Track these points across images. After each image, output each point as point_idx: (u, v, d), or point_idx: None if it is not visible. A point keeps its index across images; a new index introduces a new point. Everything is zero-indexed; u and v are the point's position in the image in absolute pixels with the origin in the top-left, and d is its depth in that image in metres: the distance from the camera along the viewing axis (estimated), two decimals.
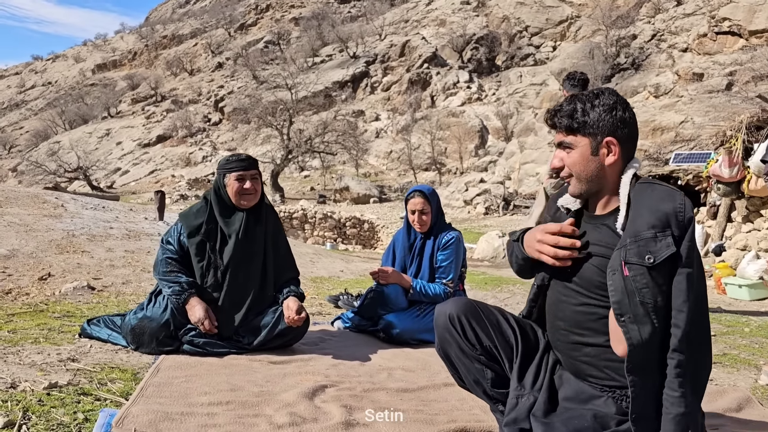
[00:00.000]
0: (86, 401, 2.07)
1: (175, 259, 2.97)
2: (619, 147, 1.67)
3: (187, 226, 3.00)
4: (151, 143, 47.74)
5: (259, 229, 3.07)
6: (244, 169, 2.98)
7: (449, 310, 1.88)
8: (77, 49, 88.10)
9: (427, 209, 3.59)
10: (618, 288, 1.57)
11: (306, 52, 55.28)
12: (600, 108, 1.67)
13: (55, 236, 5.29)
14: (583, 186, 1.72)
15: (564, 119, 1.71)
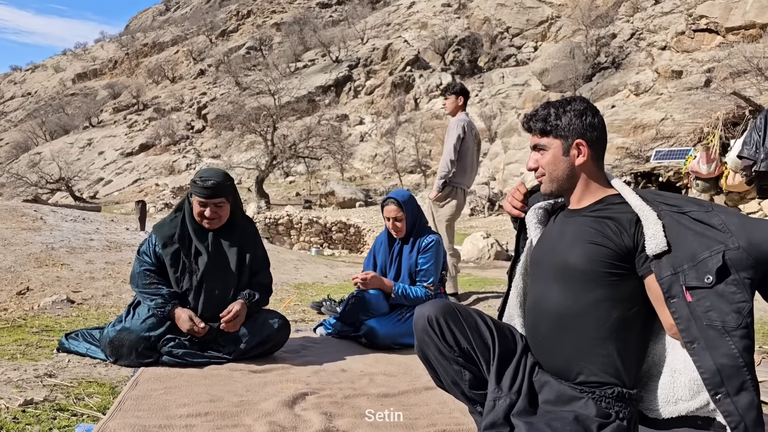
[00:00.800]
0: (62, 417, 2.05)
1: (152, 271, 2.96)
2: (588, 149, 1.83)
3: (161, 237, 2.99)
4: (134, 152, 47.40)
5: (230, 243, 3.03)
6: (206, 197, 2.92)
7: (428, 312, 1.92)
8: (57, 59, 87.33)
9: (401, 216, 3.61)
10: (683, 315, 1.56)
11: (288, 58, 55.20)
12: (571, 113, 1.83)
13: (33, 250, 5.24)
14: (554, 185, 1.87)
15: (538, 123, 1.87)
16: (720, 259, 1.50)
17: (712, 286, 1.51)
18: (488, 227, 20.28)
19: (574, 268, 1.75)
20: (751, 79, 21.20)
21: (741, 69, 24.09)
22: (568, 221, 1.87)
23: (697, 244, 1.57)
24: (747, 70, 23.03)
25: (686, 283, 1.55)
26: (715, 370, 1.49)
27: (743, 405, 1.47)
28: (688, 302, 1.55)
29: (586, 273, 1.73)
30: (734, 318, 1.48)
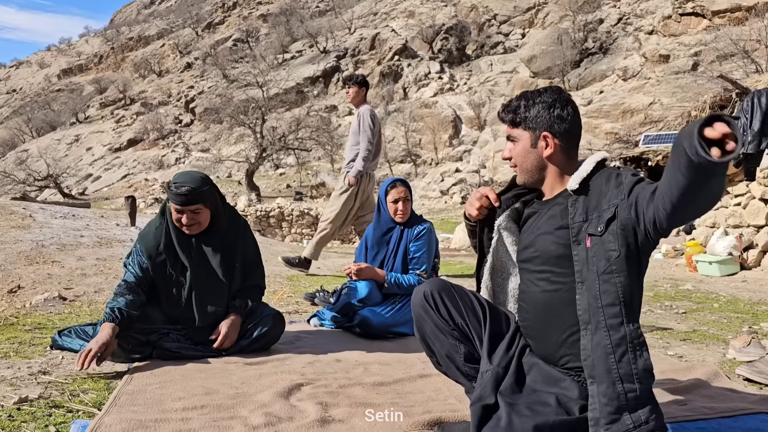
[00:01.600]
0: (58, 414, 2.05)
1: (126, 283, 2.85)
2: (555, 141, 1.84)
3: (146, 248, 2.92)
4: (122, 147, 47.11)
5: (213, 249, 2.96)
6: (181, 204, 2.82)
7: (424, 288, 2.00)
8: (41, 55, 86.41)
9: (409, 197, 3.66)
10: (581, 259, 1.72)
11: (275, 49, 54.90)
12: (539, 105, 1.85)
13: (23, 247, 5.21)
14: (526, 176, 1.92)
15: (509, 114, 1.91)
16: (612, 212, 1.67)
17: (601, 236, 1.68)
18: None
19: (549, 255, 1.81)
20: (737, 62, 21.34)
21: (728, 52, 24.22)
22: (541, 212, 1.90)
23: (605, 198, 1.72)
24: (733, 53, 23.16)
25: (588, 230, 1.71)
26: (586, 308, 1.68)
27: (595, 342, 1.64)
28: (587, 248, 1.71)
29: (561, 258, 1.78)
30: (604, 264, 1.66)
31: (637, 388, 1.60)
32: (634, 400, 1.59)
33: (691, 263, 7.49)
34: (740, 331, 3.57)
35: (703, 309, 4.58)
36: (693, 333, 3.71)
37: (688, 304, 4.78)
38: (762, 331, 3.73)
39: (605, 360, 1.63)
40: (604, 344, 1.64)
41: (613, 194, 1.70)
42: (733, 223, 7.63)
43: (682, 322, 4.03)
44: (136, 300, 2.80)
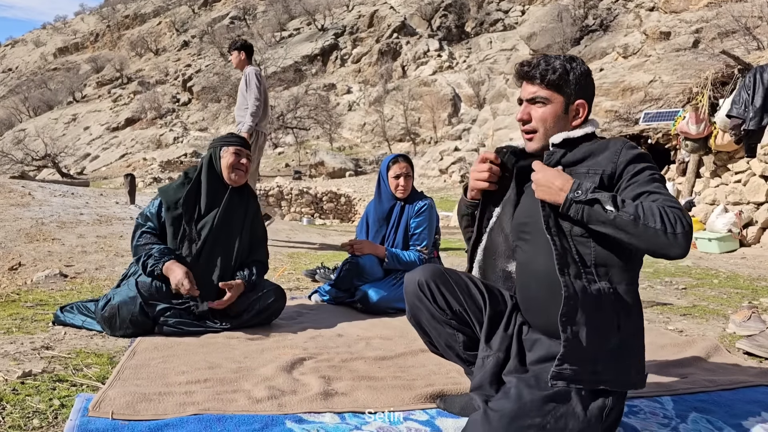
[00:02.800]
0: (62, 388, 2.06)
1: (150, 232, 2.97)
2: (586, 111, 1.80)
3: (166, 200, 3.00)
4: (120, 127, 46.88)
5: (240, 208, 3.09)
6: (241, 146, 3.09)
7: (418, 276, 1.91)
8: (36, 33, 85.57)
9: (411, 173, 3.65)
10: (549, 206, 1.72)
11: (273, 27, 54.40)
12: (578, 71, 1.78)
13: (23, 225, 5.19)
14: (544, 141, 1.81)
15: (548, 73, 1.77)
16: (596, 181, 1.67)
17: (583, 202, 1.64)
18: None
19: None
20: (739, 39, 21.14)
21: (729, 29, 23.99)
22: None
23: (586, 160, 1.73)
24: (735, 30, 22.95)
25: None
26: (563, 251, 1.67)
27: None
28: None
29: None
30: (578, 229, 1.68)
31: None
32: None
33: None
34: (740, 306, 3.59)
35: (702, 285, 4.59)
36: (693, 308, 3.72)
37: (688, 280, 4.79)
38: (762, 306, 3.75)
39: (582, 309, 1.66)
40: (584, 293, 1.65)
41: (600, 160, 1.69)
42: (733, 200, 7.63)
43: (682, 298, 4.04)
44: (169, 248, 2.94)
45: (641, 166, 1.66)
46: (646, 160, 1.68)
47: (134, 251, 2.97)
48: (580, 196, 1.59)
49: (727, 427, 1.95)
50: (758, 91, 6.36)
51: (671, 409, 2.07)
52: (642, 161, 1.67)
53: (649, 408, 2.08)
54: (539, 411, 1.54)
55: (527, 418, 1.52)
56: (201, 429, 1.77)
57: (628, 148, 1.69)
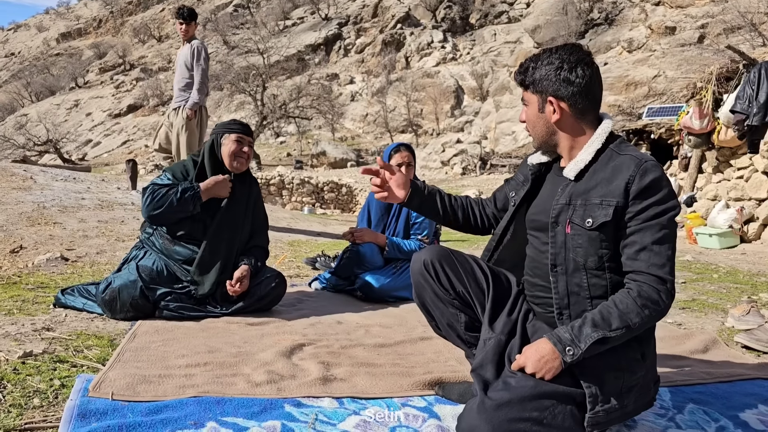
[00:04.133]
0: (62, 368, 2.07)
1: (166, 185, 2.97)
2: (561, 105, 1.72)
3: (174, 174, 3.03)
4: (122, 113, 46.80)
5: (243, 196, 3.10)
6: (244, 133, 3.06)
7: (424, 256, 1.94)
8: (39, 18, 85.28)
9: (413, 162, 3.63)
10: (559, 241, 1.71)
11: (277, 15, 54.18)
12: (547, 67, 1.72)
13: (25, 209, 5.19)
14: (537, 141, 1.83)
15: (519, 75, 1.80)
16: (610, 213, 1.62)
17: (588, 229, 1.65)
18: (480, 185, 20.30)
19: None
20: (744, 35, 21.06)
21: (735, 24, 23.89)
22: (557, 179, 1.82)
23: (599, 186, 1.67)
24: (741, 26, 22.85)
25: (571, 218, 1.68)
26: (565, 293, 1.69)
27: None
28: (566, 233, 1.69)
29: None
30: (594, 261, 1.66)
31: None
32: None
33: (691, 235, 7.51)
34: (739, 301, 3.59)
35: (702, 279, 4.60)
36: (692, 302, 3.73)
37: (688, 275, 4.80)
38: (761, 301, 3.76)
39: None
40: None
41: (613, 189, 1.63)
42: (735, 196, 7.62)
43: (682, 292, 4.05)
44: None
45: (648, 202, 1.60)
46: (655, 190, 1.61)
47: (155, 207, 2.88)
48: (575, 355, 1.55)
49: (724, 418, 1.96)
50: (762, 87, 6.33)
51: (668, 401, 2.08)
52: (651, 193, 1.60)
53: None
54: (538, 405, 1.53)
55: (525, 411, 1.51)
56: (200, 411, 1.78)
57: (642, 174, 1.61)
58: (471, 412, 1.56)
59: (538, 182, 1.93)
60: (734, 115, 6.75)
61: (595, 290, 1.66)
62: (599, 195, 1.64)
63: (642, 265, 1.59)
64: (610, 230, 1.63)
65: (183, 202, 2.87)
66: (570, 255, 1.68)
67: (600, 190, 1.65)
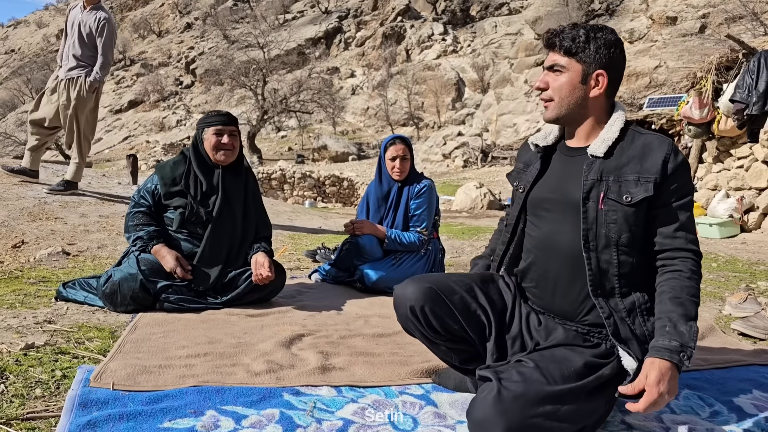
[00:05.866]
0: (64, 360, 2.10)
1: (143, 212, 2.98)
2: (606, 82, 1.73)
3: (163, 177, 3.00)
4: (123, 109, 46.82)
5: (237, 185, 3.09)
6: (222, 124, 3.00)
7: (409, 301, 1.79)
8: (39, 14, 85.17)
9: (408, 155, 3.64)
10: (590, 217, 1.69)
11: (277, 9, 54.06)
12: (601, 41, 1.72)
13: (26, 204, 5.22)
14: (562, 111, 1.76)
15: (566, 41, 1.73)
16: (651, 189, 1.64)
17: (626, 205, 1.66)
18: (481, 178, 20.30)
19: (577, 202, 1.72)
20: (746, 24, 20.97)
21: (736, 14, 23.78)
22: (571, 160, 1.79)
23: (631, 163, 1.68)
24: (742, 15, 22.75)
25: (606, 194, 1.68)
26: (598, 270, 1.68)
27: (613, 305, 1.67)
28: (599, 209, 1.68)
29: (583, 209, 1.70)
30: (627, 237, 1.67)
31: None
32: None
33: None
34: (737, 289, 3.61)
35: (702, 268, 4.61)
36: None
37: None
38: (759, 289, 3.77)
39: (623, 323, 1.66)
40: (618, 309, 1.66)
41: (649, 166, 1.65)
42: (735, 185, 7.62)
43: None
44: (157, 225, 2.99)
45: (682, 181, 1.66)
46: (686, 170, 1.68)
47: (126, 228, 3.01)
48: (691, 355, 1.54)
49: (718, 403, 1.98)
50: (762, 76, 6.33)
51: None
52: (685, 174, 1.68)
53: None
54: (554, 400, 1.51)
55: (540, 406, 1.48)
56: (200, 400, 1.81)
57: (676, 152, 1.67)
58: (485, 402, 1.50)
59: (546, 163, 1.89)
60: (734, 104, 6.75)
61: (624, 267, 1.67)
62: (635, 171, 1.66)
63: (681, 242, 1.65)
64: (645, 207, 1.65)
65: (132, 244, 2.93)
66: (602, 231, 1.67)
67: (634, 167, 1.67)
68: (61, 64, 5.65)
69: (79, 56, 5.50)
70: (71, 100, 5.50)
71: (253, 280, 2.95)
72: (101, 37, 5.47)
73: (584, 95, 1.74)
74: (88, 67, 5.52)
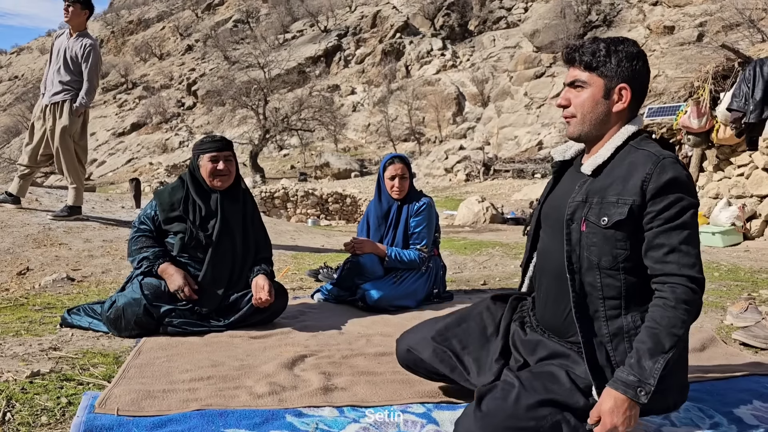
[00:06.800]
0: (69, 386, 2.12)
1: (145, 235, 3.02)
2: (630, 95, 1.70)
3: (161, 203, 3.04)
4: (126, 132, 47.15)
5: (236, 208, 3.12)
6: (217, 150, 3.02)
7: (402, 353, 2.09)
8: (41, 40, 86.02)
9: (407, 174, 3.68)
10: (574, 239, 1.68)
11: (276, 29, 54.56)
12: (622, 54, 1.68)
13: (31, 231, 5.27)
14: (585, 127, 1.74)
15: (585, 55, 1.71)
16: (625, 212, 1.61)
17: (604, 228, 1.64)
18: (483, 192, 20.33)
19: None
20: (743, 32, 21.09)
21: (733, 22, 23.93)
22: (577, 176, 1.78)
23: (615, 184, 1.65)
24: (739, 23, 22.88)
25: (587, 216, 1.67)
26: (582, 292, 1.68)
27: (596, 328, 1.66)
28: (581, 231, 1.68)
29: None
30: (608, 261, 1.65)
31: None
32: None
33: None
34: (738, 298, 3.61)
35: None
36: None
37: None
38: (761, 298, 3.77)
39: (602, 348, 1.64)
40: (601, 333, 1.65)
41: (630, 187, 1.61)
42: (736, 193, 7.64)
43: None
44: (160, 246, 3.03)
45: (669, 200, 1.59)
46: (676, 189, 1.59)
47: (129, 253, 3.04)
48: (648, 392, 1.52)
49: (718, 415, 1.99)
50: (758, 84, 6.36)
51: None
52: (672, 191, 1.59)
53: None
54: (534, 414, 1.55)
55: (521, 421, 1.54)
56: (203, 424, 1.83)
57: (659, 172, 1.59)
58: (468, 417, 1.60)
59: (559, 177, 1.91)
60: (731, 113, 6.78)
61: (609, 291, 1.64)
62: (615, 193, 1.63)
63: (673, 267, 1.57)
64: (627, 230, 1.62)
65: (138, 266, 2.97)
66: (584, 253, 1.66)
67: (616, 188, 1.63)
68: (44, 91, 5.72)
69: (65, 82, 5.57)
70: (57, 124, 5.55)
71: (254, 303, 2.97)
72: (87, 63, 5.53)
73: (607, 110, 1.70)
74: (73, 91, 5.58)
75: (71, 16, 5.56)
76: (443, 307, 3.61)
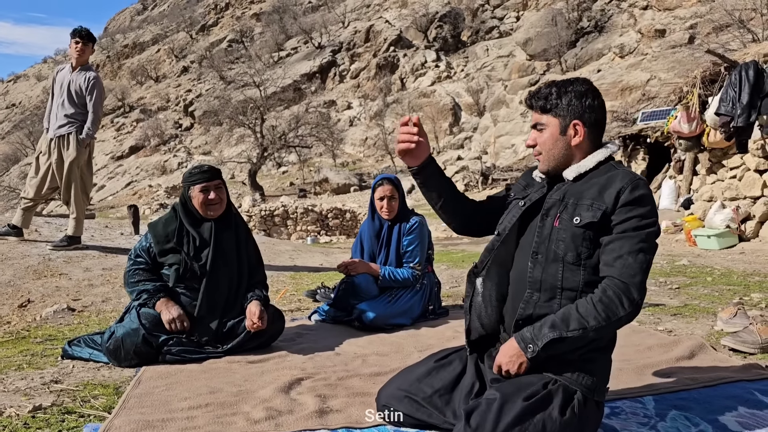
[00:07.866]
0: (70, 419, 2.17)
1: (142, 269, 3.08)
2: (584, 129, 1.88)
3: (155, 235, 3.10)
4: (125, 155, 47.28)
5: (228, 235, 3.17)
6: (206, 180, 3.08)
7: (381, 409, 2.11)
8: (38, 68, 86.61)
9: (396, 195, 3.74)
10: (545, 233, 1.85)
11: (271, 48, 54.89)
12: (571, 94, 1.89)
13: (31, 262, 5.34)
14: (551, 163, 1.93)
15: (539, 101, 1.93)
16: (598, 216, 1.77)
17: (576, 226, 1.80)
18: None
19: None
20: (734, 33, 21.24)
21: (723, 23, 24.08)
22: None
23: (591, 190, 1.82)
24: (729, 24, 23.04)
25: (561, 214, 1.84)
26: (539, 279, 1.83)
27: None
28: (554, 226, 1.84)
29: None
30: (573, 256, 1.80)
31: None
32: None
33: (691, 238, 7.56)
34: (729, 303, 3.66)
35: (696, 283, 4.66)
36: (684, 307, 3.80)
37: (683, 279, 4.86)
38: (751, 302, 3.82)
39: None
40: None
41: (605, 196, 1.78)
42: (730, 195, 7.69)
43: (675, 297, 4.11)
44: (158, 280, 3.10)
45: (633, 214, 1.76)
46: (642, 205, 1.76)
47: (128, 286, 3.10)
48: (534, 351, 1.74)
49: (704, 422, 2.03)
50: (744, 88, 6.45)
51: (652, 409, 2.16)
52: (638, 206, 1.76)
53: (631, 408, 2.17)
54: (519, 422, 1.65)
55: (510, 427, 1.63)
56: None
57: (633, 187, 1.77)
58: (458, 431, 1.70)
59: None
60: (719, 117, 6.86)
61: (567, 282, 1.80)
62: (591, 197, 1.80)
63: (615, 271, 1.74)
64: (594, 232, 1.79)
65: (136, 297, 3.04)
66: (552, 246, 1.82)
67: (592, 193, 1.81)
68: (48, 126, 5.84)
69: (69, 114, 5.69)
70: (64, 157, 5.66)
71: (247, 329, 3.03)
72: (91, 95, 5.67)
73: (566, 145, 1.90)
74: (78, 123, 5.70)
75: (86, 55, 5.78)
76: (439, 324, 3.67)
